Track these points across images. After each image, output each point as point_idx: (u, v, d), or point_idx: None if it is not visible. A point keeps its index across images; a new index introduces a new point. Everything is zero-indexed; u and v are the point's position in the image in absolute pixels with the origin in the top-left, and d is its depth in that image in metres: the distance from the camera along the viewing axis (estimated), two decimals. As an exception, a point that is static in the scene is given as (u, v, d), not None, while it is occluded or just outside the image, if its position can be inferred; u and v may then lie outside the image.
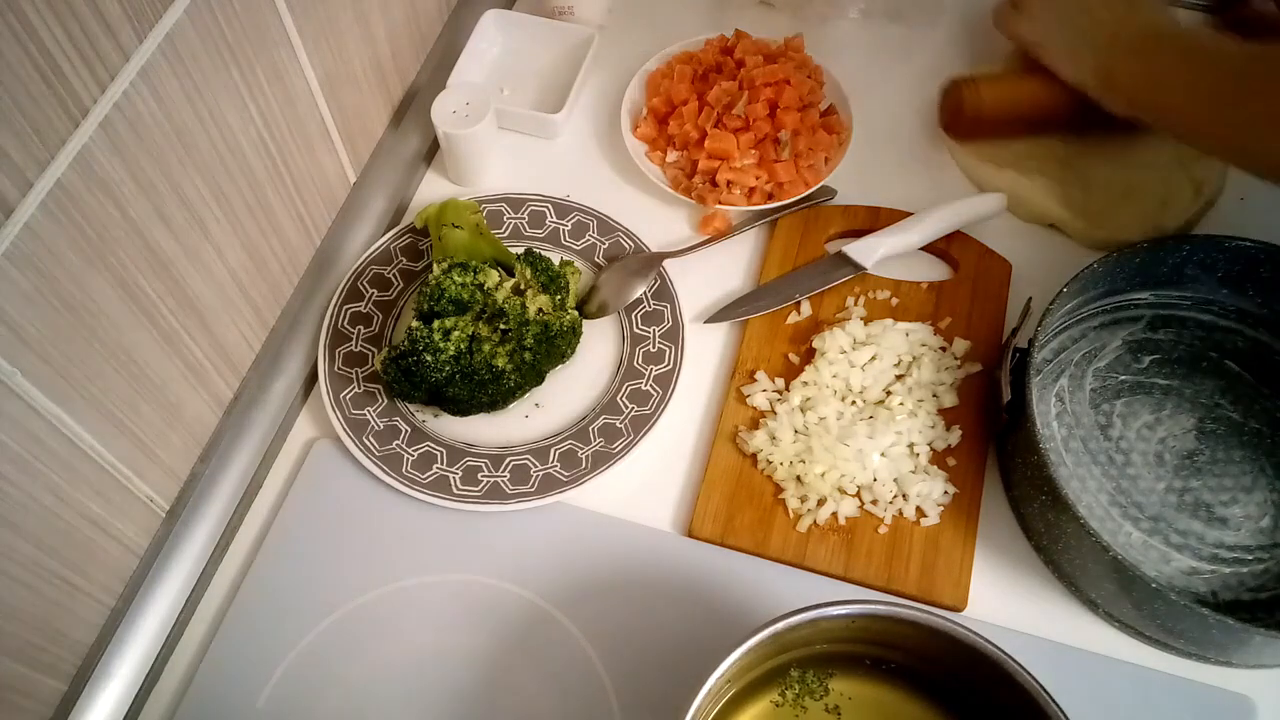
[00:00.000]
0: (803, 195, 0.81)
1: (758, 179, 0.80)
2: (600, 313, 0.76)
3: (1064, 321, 0.73)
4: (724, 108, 0.81)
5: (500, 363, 0.67)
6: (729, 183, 0.80)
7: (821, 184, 0.81)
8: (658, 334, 0.75)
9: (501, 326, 0.68)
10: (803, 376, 0.73)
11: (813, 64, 0.85)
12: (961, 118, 0.80)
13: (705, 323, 0.77)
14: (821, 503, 0.68)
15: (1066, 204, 0.79)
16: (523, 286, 0.70)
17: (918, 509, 0.68)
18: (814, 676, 0.59)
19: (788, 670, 0.59)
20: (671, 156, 0.83)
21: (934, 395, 0.72)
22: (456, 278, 0.68)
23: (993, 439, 0.71)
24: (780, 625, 0.53)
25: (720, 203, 0.80)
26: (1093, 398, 0.72)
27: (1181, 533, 0.67)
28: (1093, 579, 0.64)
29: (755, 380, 0.73)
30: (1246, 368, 0.73)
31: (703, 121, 0.81)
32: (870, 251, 0.77)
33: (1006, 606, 0.66)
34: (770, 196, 0.81)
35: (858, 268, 0.77)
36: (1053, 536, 0.65)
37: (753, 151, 0.81)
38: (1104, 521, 0.68)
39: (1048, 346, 0.73)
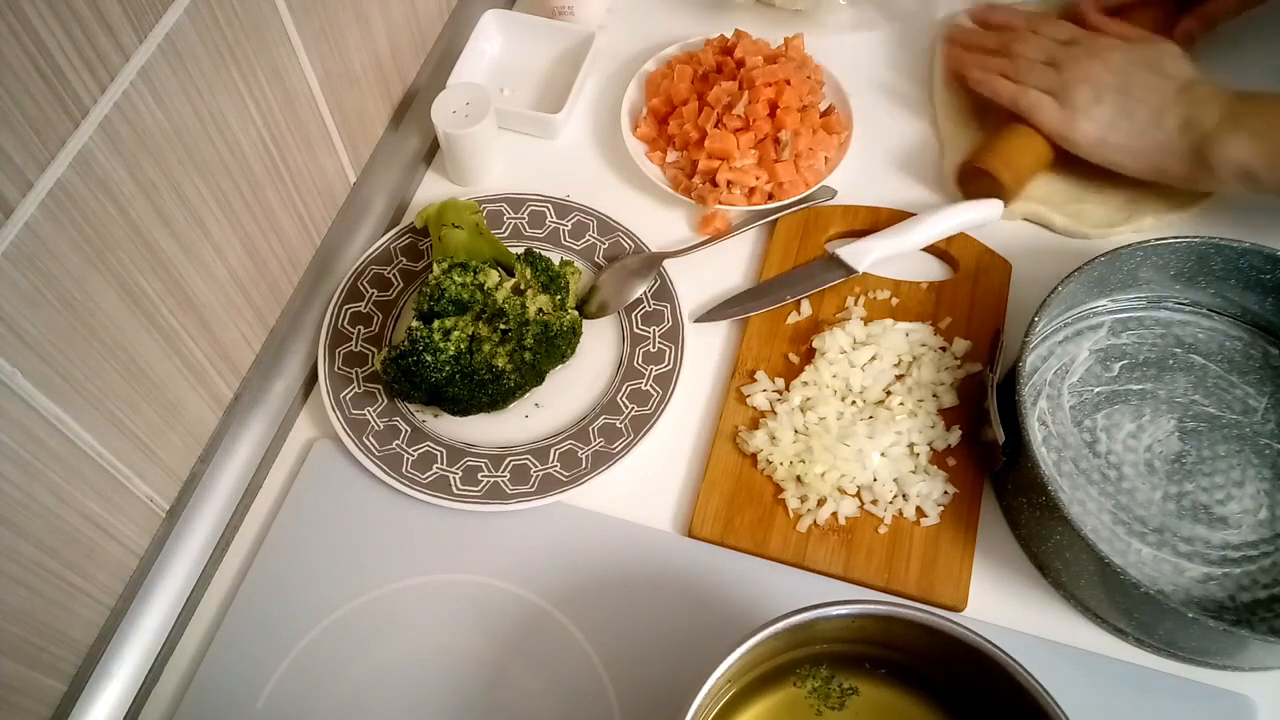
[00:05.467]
0: (803, 195, 0.81)
1: (758, 179, 0.80)
2: (600, 313, 0.76)
3: (1033, 344, 0.73)
4: (724, 108, 0.81)
5: (500, 363, 0.67)
6: (729, 183, 0.80)
7: (821, 184, 0.81)
8: (658, 334, 0.75)
9: (501, 326, 0.68)
10: (803, 376, 0.73)
11: (813, 64, 0.85)
12: (991, 190, 0.79)
13: (695, 322, 0.77)
14: (821, 503, 0.68)
15: (1054, 201, 0.80)
16: (523, 286, 0.70)
17: (918, 509, 0.68)
18: (836, 686, 0.59)
19: (792, 670, 0.59)
20: (671, 156, 0.83)
21: (934, 395, 0.72)
22: (456, 278, 0.68)
23: (987, 475, 0.70)
24: (780, 625, 0.53)
25: (720, 203, 0.80)
26: (1073, 415, 0.71)
27: (1187, 540, 0.67)
28: (1106, 605, 0.64)
29: (755, 380, 0.73)
30: (1210, 358, 0.74)
31: (703, 121, 0.81)
32: (862, 256, 0.77)
33: (1006, 606, 0.66)
34: (770, 196, 0.81)
35: (850, 271, 0.77)
36: (1072, 574, 0.64)
37: (753, 151, 0.81)
38: (1111, 542, 0.67)
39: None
